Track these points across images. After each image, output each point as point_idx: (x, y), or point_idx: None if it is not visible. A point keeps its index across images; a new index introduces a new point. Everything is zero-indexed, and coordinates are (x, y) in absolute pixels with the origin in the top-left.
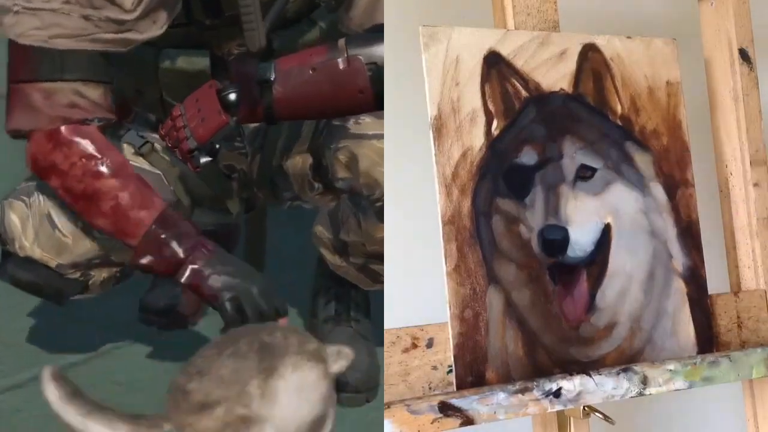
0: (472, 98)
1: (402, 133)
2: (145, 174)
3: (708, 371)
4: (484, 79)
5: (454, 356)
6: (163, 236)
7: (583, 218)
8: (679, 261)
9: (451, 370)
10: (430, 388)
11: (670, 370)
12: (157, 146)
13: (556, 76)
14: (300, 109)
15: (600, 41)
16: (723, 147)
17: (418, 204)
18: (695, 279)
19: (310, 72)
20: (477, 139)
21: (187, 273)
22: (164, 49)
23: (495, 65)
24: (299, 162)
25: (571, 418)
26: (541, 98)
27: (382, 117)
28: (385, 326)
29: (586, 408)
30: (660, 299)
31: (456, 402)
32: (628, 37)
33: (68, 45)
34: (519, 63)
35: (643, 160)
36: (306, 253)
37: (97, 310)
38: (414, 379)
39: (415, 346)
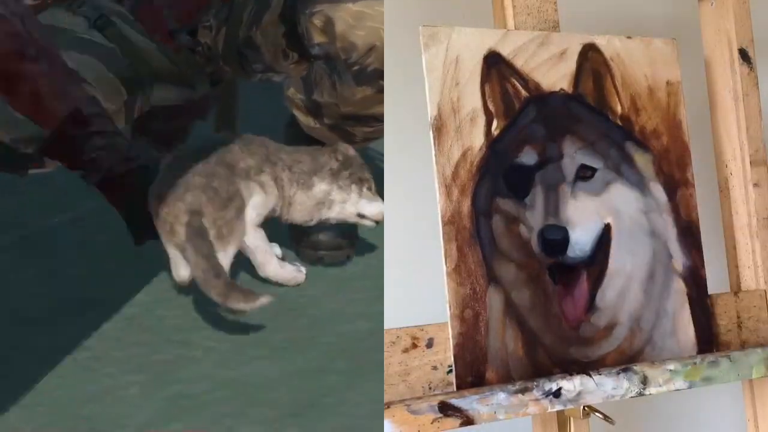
0: (472, 98)
1: (402, 133)
2: (98, 48)
3: (708, 371)
4: (484, 79)
5: (454, 356)
6: (74, 133)
7: (583, 218)
8: (679, 261)
9: (451, 370)
10: (430, 388)
11: (670, 370)
12: (114, 20)
13: (556, 76)
14: None
15: (600, 41)
16: (723, 147)
17: (418, 204)
18: (695, 279)
19: None
20: (477, 139)
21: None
22: None
23: (495, 65)
24: (270, 32)
25: (571, 418)
26: (541, 98)
27: None
28: (385, 326)
29: (586, 408)
30: (660, 299)
31: (456, 402)
32: (628, 37)
33: None
34: (519, 63)
35: (643, 160)
36: (278, 118)
37: None
38: (414, 379)
39: (415, 346)
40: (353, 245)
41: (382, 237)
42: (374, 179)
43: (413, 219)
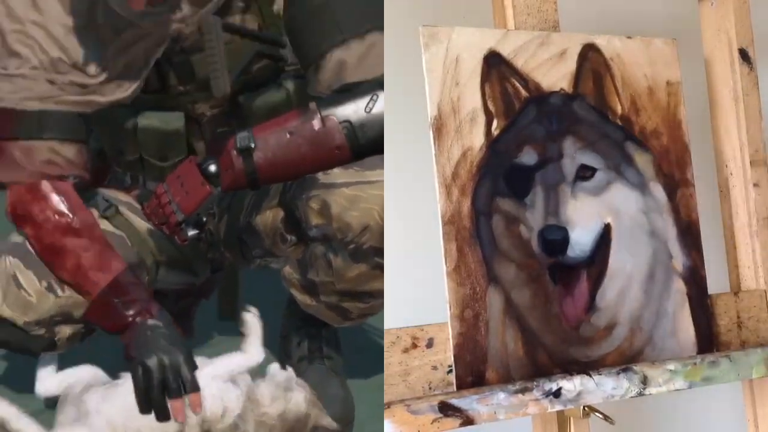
0: (472, 98)
1: (402, 133)
2: (108, 236)
3: (708, 371)
4: (485, 79)
5: (454, 356)
6: (114, 300)
7: (583, 218)
8: (679, 261)
9: (451, 370)
10: (430, 388)
11: (670, 370)
12: (122, 209)
13: (556, 76)
14: (282, 171)
15: (600, 41)
16: (723, 147)
17: (418, 204)
18: (695, 279)
19: (288, 136)
20: (477, 139)
21: (126, 333)
22: (143, 111)
23: (495, 65)
24: (269, 217)
25: (571, 418)
26: (541, 98)
27: (350, 166)
28: (385, 326)
29: (586, 408)
30: (660, 299)
31: (456, 402)
32: (629, 37)
33: (36, 106)
34: (519, 63)
35: (643, 160)
36: (278, 295)
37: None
38: (414, 379)
39: (415, 346)
40: None
41: None
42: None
43: (413, 219)
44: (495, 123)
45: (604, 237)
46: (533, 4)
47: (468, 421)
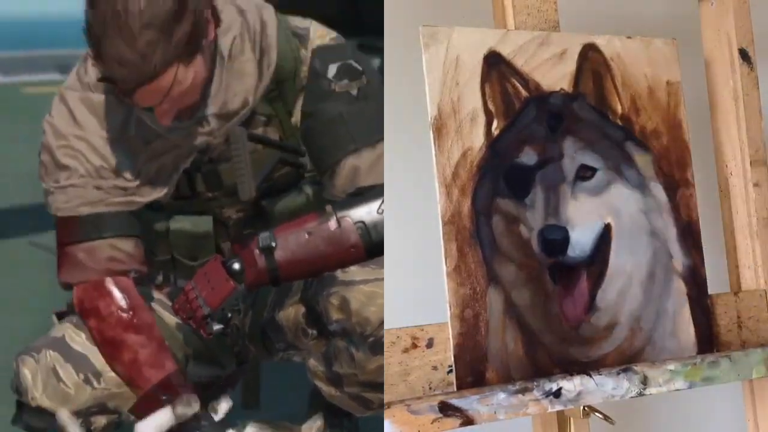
0: (472, 98)
1: (402, 133)
2: None
3: (708, 371)
4: (485, 78)
5: (455, 356)
6: (162, 397)
7: (583, 218)
8: (680, 261)
9: (451, 370)
10: (430, 388)
11: (671, 371)
12: (154, 306)
13: (556, 76)
14: (301, 269)
15: (600, 41)
16: (723, 147)
17: (419, 204)
18: (695, 279)
19: (306, 236)
20: (477, 139)
21: None
22: (174, 215)
23: (495, 65)
24: (292, 312)
25: (571, 418)
26: (541, 98)
27: (367, 264)
28: (386, 326)
29: (586, 408)
30: (660, 299)
31: (456, 402)
32: (629, 37)
33: (89, 210)
34: (519, 63)
35: (643, 160)
36: (301, 390)
37: None
38: (414, 379)
39: (415, 346)
40: None
41: None
42: None
43: (413, 219)
44: (495, 123)
45: (604, 237)
46: (533, 4)
47: (468, 421)
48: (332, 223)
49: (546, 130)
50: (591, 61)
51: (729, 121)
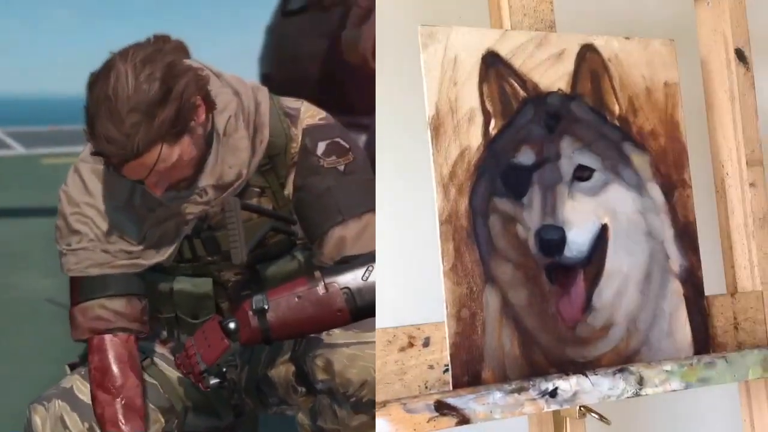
0: (470, 98)
1: (400, 132)
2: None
3: (704, 372)
4: (482, 78)
5: (451, 355)
6: None
7: (580, 218)
8: (676, 262)
9: (447, 369)
10: (426, 387)
11: (667, 371)
12: (157, 360)
13: (554, 76)
14: (291, 329)
15: (598, 42)
16: (719, 147)
17: (416, 203)
18: (692, 280)
19: (296, 299)
20: (475, 139)
21: None
22: (177, 277)
23: (493, 65)
24: (283, 370)
25: (567, 418)
26: (539, 98)
27: (350, 328)
28: (382, 325)
29: (582, 408)
30: (657, 300)
31: (452, 401)
32: (626, 38)
33: (97, 272)
34: (517, 63)
35: (640, 161)
36: None
37: None
38: (410, 378)
39: (411, 345)
40: None
41: None
42: None
43: (410, 218)
44: (493, 123)
45: (601, 237)
46: (529, 4)
47: (464, 420)
48: (320, 288)
49: (543, 131)
50: (589, 61)
51: (725, 121)
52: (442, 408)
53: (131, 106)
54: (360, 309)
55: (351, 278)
